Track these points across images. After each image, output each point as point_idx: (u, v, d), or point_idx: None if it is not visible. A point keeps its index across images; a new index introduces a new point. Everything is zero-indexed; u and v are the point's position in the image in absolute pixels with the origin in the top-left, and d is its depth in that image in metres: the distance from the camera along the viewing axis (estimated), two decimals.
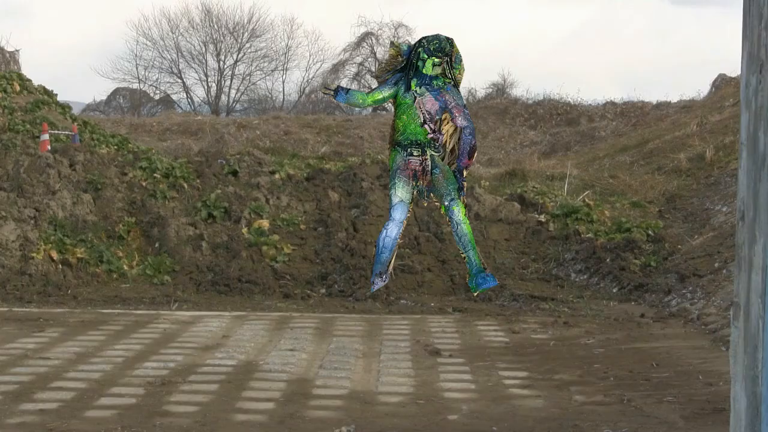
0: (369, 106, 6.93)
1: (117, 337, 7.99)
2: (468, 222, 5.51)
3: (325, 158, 15.36)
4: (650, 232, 11.73)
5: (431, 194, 5.51)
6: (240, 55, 39.98)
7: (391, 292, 10.29)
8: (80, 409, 5.70)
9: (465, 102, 5.62)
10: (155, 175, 12.32)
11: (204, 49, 39.84)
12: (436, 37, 5.46)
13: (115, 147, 16.10)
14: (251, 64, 40.11)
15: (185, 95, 40.06)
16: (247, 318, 9.16)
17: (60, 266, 10.63)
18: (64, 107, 18.31)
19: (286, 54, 40.31)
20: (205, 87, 39.71)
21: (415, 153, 5.42)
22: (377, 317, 9.41)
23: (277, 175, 12.80)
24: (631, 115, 24.21)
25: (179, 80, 40.11)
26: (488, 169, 16.48)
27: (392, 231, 5.45)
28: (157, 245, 11.33)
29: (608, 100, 26.59)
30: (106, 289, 10.40)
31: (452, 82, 5.46)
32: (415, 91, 5.41)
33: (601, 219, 12.44)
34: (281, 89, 40.73)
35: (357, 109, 38.13)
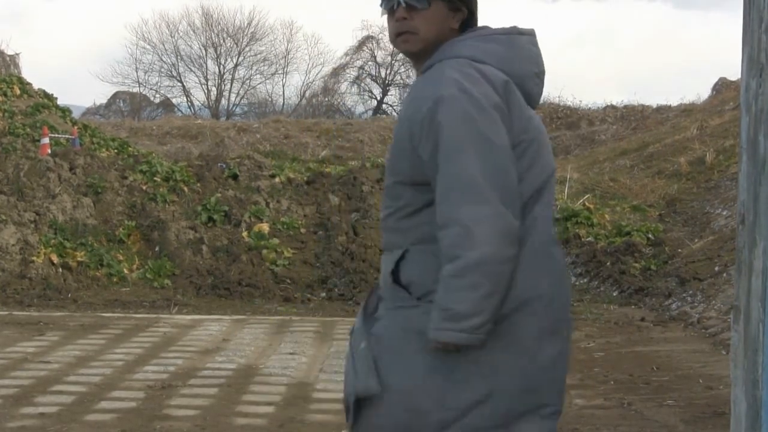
0: None
1: (117, 341, 7.99)
2: None
3: (325, 162, 15.38)
4: (650, 236, 11.73)
5: None
6: (240, 59, 40.04)
7: None
8: (80, 412, 5.70)
9: None
10: (155, 178, 12.32)
11: (204, 52, 39.90)
12: None
13: (116, 151, 16.12)
14: (251, 68, 40.18)
15: (185, 99, 40.13)
16: (247, 321, 9.15)
17: (60, 270, 10.63)
18: (64, 111, 18.34)
19: (286, 57, 40.38)
20: (205, 91, 39.77)
21: None
22: None
23: (277, 179, 12.81)
24: (632, 118, 24.24)
25: (179, 84, 40.16)
26: None
27: None
28: (157, 249, 11.32)
29: (609, 104, 26.60)
30: (106, 293, 10.39)
31: None
32: None
33: (601, 223, 12.43)
34: (281, 93, 40.79)
35: (357, 112, 38.21)
